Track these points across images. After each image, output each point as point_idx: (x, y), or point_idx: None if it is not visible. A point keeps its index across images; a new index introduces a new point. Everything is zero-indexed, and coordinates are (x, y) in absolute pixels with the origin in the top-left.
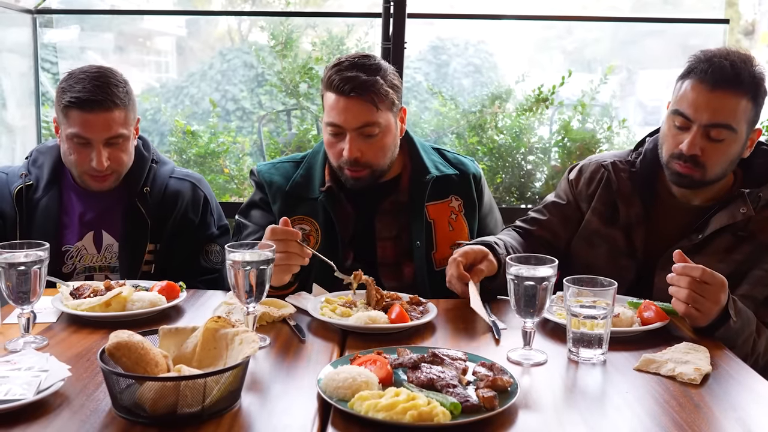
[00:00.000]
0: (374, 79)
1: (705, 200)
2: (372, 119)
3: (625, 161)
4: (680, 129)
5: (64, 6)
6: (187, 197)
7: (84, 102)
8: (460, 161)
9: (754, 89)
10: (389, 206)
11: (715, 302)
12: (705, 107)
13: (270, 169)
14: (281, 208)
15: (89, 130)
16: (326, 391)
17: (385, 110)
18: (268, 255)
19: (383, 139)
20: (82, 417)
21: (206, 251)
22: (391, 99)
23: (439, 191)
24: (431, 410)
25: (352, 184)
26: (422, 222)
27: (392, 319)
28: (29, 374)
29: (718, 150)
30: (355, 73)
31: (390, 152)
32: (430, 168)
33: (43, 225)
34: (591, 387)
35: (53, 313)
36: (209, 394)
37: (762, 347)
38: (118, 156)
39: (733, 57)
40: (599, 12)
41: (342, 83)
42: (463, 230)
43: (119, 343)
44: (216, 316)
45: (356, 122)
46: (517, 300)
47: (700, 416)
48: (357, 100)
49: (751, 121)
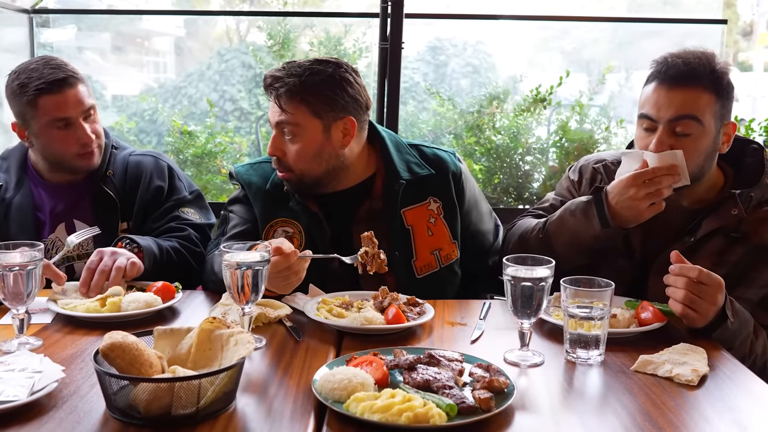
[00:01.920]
0: (293, 81)
1: (696, 202)
2: (288, 119)
3: (617, 162)
4: (648, 131)
5: (61, 6)
6: (151, 167)
7: (52, 84)
8: (439, 157)
9: (714, 83)
10: (364, 214)
11: (713, 303)
12: (667, 105)
13: (248, 171)
14: (262, 210)
15: (67, 109)
16: (322, 392)
17: (310, 115)
18: (264, 255)
19: (300, 143)
20: (76, 418)
21: (180, 213)
22: (320, 104)
23: (416, 194)
24: (427, 412)
25: (287, 186)
26: (399, 230)
27: (389, 319)
28: (23, 375)
29: (687, 146)
30: (281, 74)
31: (315, 161)
32: (401, 171)
33: (19, 222)
34: (588, 388)
35: (48, 314)
36: (204, 396)
37: (760, 348)
38: (96, 128)
39: (687, 56)
40: (597, 12)
41: (271, 88)
42: (443, 234)
43: (113, 344)
44: (211, 317)
45: (274, 118)
46: (514, 301)
47: (697, 418)
48: (280, 101)
49: (718, 114)
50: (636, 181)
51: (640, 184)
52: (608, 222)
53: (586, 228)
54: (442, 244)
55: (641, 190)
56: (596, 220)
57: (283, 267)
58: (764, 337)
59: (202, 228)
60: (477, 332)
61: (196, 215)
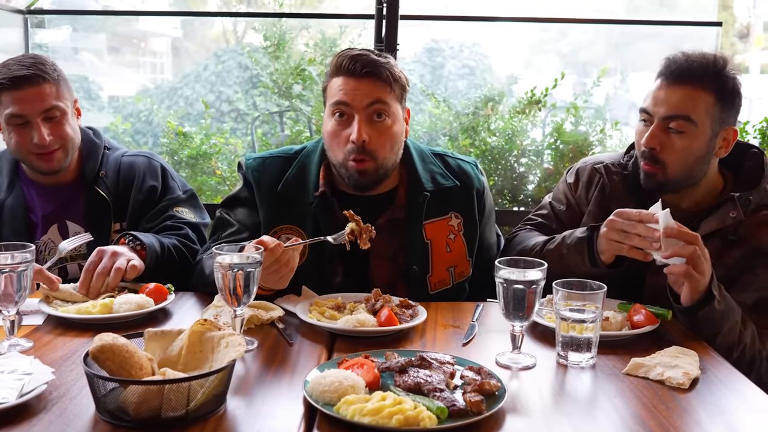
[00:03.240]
0: (387, 59)
1: (694, 204)
2: (384, 97)
3: (617, 164)
4: (645, 125)
5: (56, 6)
6: (143, 167)
7: (13, 80)
8: (464, 170)
9: (717, 86)
10: (384, 223)
11: (709, 264)
12: (664, 100)
13: (259, 166)
14: (268, 214)
15: (23, 107)
16: (312, 394)
17: (395, 98)
18: (256, 257)
19: (392, 126)
20: (66, 421)
21: (175, 212)
22: (402, 85)
23: (439, 206)
24: (417, 415)
25: (357, 179)
26: (419, 243)
27: (381, 322)
28: (12, 377)
29: (677, 144)
30: (365, 53)
31: (396, 147)
32: (425, 182)
33: (11, 224)
34: (580, 391)
35: (40, 316)
36: (194, 398)
37: (748, 338)
38: (59, 130)
39: (694, 56)
40: (593, 15)
41: (353, 62)
42: (461, 251)
43: (103, 346)
44: (202, 319)
45: (368, 98)
46: (506, 303)
47: (688, 421)
48: (369, 79)
49: (716, 118)
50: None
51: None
52: (597, 262)
53: (578, 264)
54: (458, 261)
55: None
56: (587, 258)
57: (271, 261)
58: (753, 329)
59: (198, 227)
60: (469, 334)
61: (190, 214)
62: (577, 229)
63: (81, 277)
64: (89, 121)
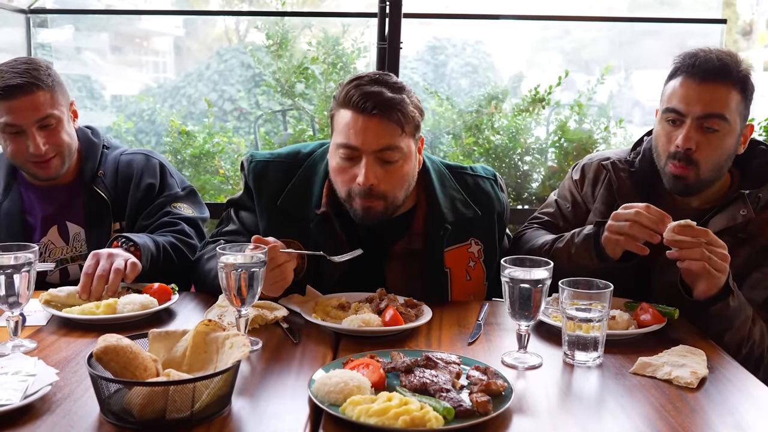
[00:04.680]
0: (401, 97)
1: (704, 202)
2: (394, 143)
3: (624, 161)
4: (674, 125)
5: (59, 6)
6: (141, 165)
7: (6, 90)
8: (483, 191)
9: (742, 82)
10: (401, 250)
11: (726, 261)
12: (697, 99)
13: (261, 172)
14: (268, 226)
15: (17, 117)
16: (318, 395)
17: (408, 135)
18: (260, 257)
19: (403, 167)
20: (70, 422)
21: (172, 208)
22: (416, 122)
23: (458, 234)
24: (424, 415)
25: (362, 216)
26: (439, 272)
27: (386, 321)
28: (16, 379)
29: (713, 143)
30: (378, 88)
31: (407, 184)
32: (446, 212)
33: (8, 228)
34: (586, 391)
35: (43, 316)
36: (198, 399)
37: (758, 335)
38: (54, 138)
39: (717, 52)
40: (597, 12)
41: (363, 99)
42: (480, 279)
43: (107, 347)
44: (207, 319)
45: (376, 144)
46: (512, 302)
47: (696, 421)
48: (380, 119)
49: (742, 115)
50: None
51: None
52: (605, 257)
53: (586, 261)
54: (477, 288)
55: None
56: (594, 254)
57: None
58: (762, 326)
59: (195, 222)
60: (475, 334)
61: (189, 210)
62: (584, 227)
63: (81, 281)
64: (92, 120)
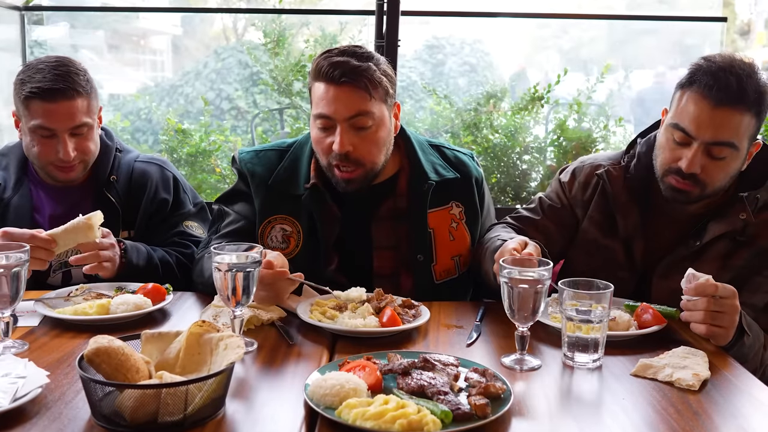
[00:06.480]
0: (366, 65)
1: (701, 206)
2: (365, 108)
3: (619, 166)
4: (680, 144)
5: (54, 2)
6: (156, 177)
7: (46, 92)
8: (461, 161)
9: (757, 104)
10: (386, 212)
11: (734, 313)
12: (708, 124)
13: (252, 159)
14: (262, 204)
15: (53, 121)
16: (313, 398)
17: (379, 100)
18: (255, 257)
19: (377, 132)
20: (60, 425)
21: (185, 228)
22: (385, 87)
23: (440, 197)
24: (421, 419)
25: (344, 186)
26: (423, 232)
27: (383, 322)
28: (6, 381)
29: (718, 167)
30: (345, 58)
31: (384, 149)
32: (428, 172)
33: (16, 224)
34: (586, 393)
35: (35, 317)
36: (191, 402)
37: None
38: (83, 145)
39: (738, 70)
40: (595, 10)
41: (331, 69)
42: (464, 239)
43: (98, 348)
44: (201, 320)
45: (347, 112)
46: (511, 303)
47: (698, 424)
48: (348, 87)
49: (752, 136)
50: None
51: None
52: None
53: (489, 271)
54: (463, 250)
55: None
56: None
57: (268, 282)
58: None
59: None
60: (473, 335)
61: (200, 229)
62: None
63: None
64: None
